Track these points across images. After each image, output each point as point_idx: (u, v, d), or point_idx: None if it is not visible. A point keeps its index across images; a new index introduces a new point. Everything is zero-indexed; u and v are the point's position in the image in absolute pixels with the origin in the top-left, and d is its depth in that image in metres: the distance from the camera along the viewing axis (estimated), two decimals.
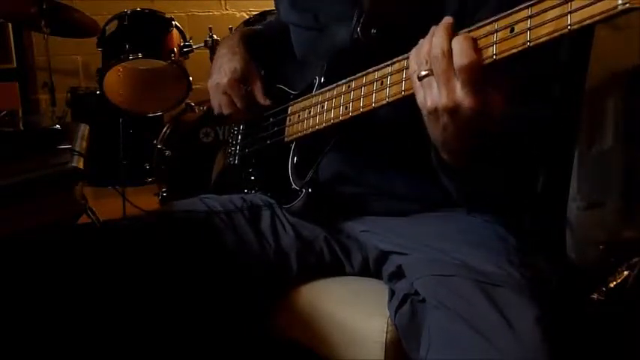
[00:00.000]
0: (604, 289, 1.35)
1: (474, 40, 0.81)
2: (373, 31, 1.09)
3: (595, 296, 1.35)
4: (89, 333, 1.02)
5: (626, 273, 1.36)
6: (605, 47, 1.13)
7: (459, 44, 0.81)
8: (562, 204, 1.30)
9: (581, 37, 0.72)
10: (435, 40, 0.83)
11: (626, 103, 1.33)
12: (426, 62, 0.84)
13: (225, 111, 1.33)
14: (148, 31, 2.62)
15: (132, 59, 2.56)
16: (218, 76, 1.31)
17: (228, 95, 1.31)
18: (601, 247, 1.38)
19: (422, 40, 0.87)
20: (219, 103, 1.33)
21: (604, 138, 1.34)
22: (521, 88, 0.91)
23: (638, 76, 1.30)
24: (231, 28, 2.71)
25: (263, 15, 2.57)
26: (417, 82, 0.86)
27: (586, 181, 1.33)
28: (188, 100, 2.71)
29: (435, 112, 0.85)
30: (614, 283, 1.36)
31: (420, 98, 0.87)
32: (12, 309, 1.00)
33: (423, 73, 0.84)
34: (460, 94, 0.81)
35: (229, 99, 1.31)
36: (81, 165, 1.12)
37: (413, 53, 0.88)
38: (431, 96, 0.84)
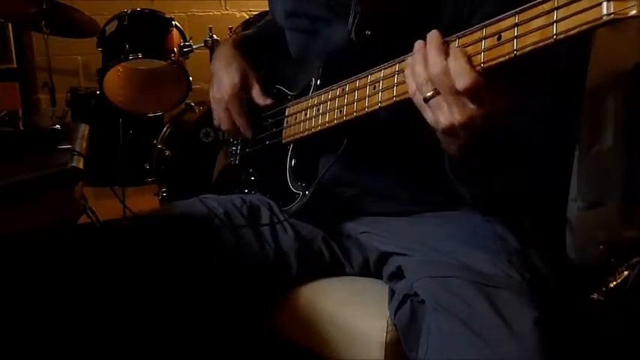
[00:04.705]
0: (604, 289, 1.35)
1: (468, 56, 0.80)
2: (367, 32, 1.09)
3: (595, 296, 1.35)
4: (89, 333, 1.02)
5: (626, 273, 1.36)
6: (605, 47, 1.13)
7: (455, 63, 0.80)
8: (562, 204, 1.30)
9: (581, 37, 0.71)
10: (431, 60, 0.83)
11: (626, 103, 1.33)
12: (427, 82, 0.84)
13: (227, 127, 1.32)
14: (147, 31, 2.62)
15: (132, 59, 2.56)
16: (219, 91, 1.30)
17: (229, 112, 1.30)
18: (601, 247, 1.38)
19: (410, 58, 0.86)
20: (220, 119, 1.33)
21: (604, 138, 1.34)
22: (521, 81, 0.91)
23: (638, 76, 1.30)
24: (231, 28, 2.71)
25: (263, 15, 2.57)
26: (424, 104, 0.85)
27: (586, 181, 1.33)
28: (188, 100, 2.71)
29: (451, 128, 0.84)
30: (614, 283, 1.36)
31: (430, 118, 0.86)
32: (12, 309, 1.00)
33: (429, 94, 0.84)
34: (473, 107, 0.81)
35: (231, 116, 1.31)
36: (81, 165, 1.11)
37: (408, 74, 0.87)
38: (443, 115, 0.84)
